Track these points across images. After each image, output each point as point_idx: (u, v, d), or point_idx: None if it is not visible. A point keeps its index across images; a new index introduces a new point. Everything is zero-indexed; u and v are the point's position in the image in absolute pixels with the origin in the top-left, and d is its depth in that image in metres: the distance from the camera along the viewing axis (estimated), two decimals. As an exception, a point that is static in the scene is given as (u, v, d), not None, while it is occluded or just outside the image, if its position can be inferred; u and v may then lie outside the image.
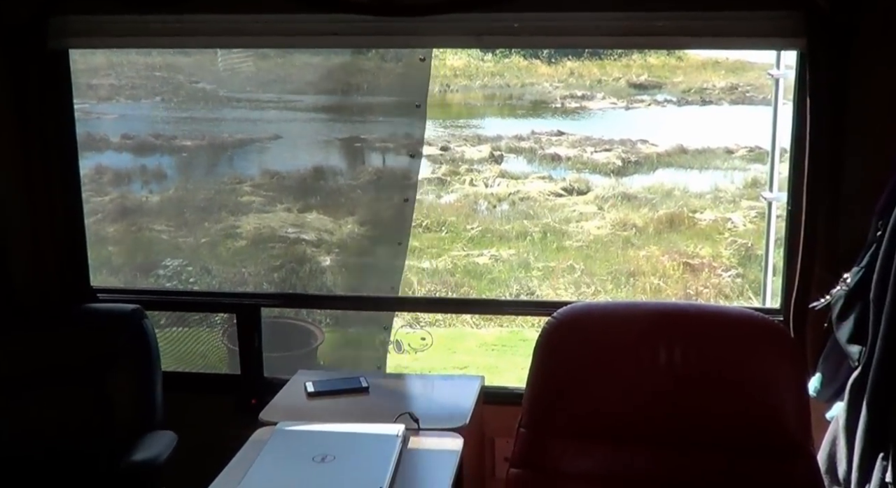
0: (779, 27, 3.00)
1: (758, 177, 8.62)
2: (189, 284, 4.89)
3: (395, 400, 3.21)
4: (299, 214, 5.55)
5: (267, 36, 3.37)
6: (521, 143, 9.45)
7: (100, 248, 4.28)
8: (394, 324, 3.97)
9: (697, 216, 8.58)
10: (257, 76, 4.38)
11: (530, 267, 8.19)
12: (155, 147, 5.49)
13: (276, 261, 5.27)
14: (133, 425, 3.08)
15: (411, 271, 4.13)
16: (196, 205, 5.00)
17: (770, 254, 4.02)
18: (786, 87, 3.85)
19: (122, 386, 3.15)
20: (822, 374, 2.85)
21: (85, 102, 3.94)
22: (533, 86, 9.85)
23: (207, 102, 4.59)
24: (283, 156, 5.39)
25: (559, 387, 2.70)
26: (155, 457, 2.89)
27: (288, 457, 2.69)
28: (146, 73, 4.53)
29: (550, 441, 2.65)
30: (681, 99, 9.77)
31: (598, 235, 8.45)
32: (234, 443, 2.81)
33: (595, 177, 9.09)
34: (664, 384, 2.63)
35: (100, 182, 5.21)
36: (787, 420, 2.60)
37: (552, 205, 8.79)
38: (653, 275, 8.00)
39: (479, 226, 8.60)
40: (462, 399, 3.19)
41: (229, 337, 4.08)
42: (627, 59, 9.83)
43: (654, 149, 9.28)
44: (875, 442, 2.45)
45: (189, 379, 3.82)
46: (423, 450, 2.78)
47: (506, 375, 6.58)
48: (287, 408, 3.12)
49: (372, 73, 4.08)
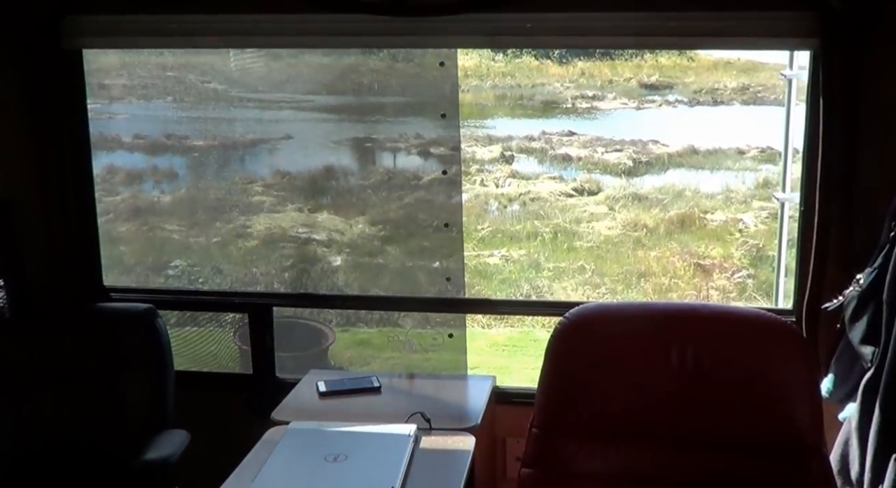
0: (792, 27, 3.00)
1: (769, 177, 8.59)
2: (199, 284, 4.90)
3: (407, 399, 3.21)
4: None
5: (280, 36, 3.38)
6: (532, 144, 9.44)
7: (111, 248, 4.29)
8: (406, 324, 3.97)
9: (708, 217, 8.55)
10: (269, 76, 4.39)
11: (541, 267, 8.18)
12: (167, 147, 5.50)
13: (288, 260, 5.28)
14: (146, 424, 3.09)
15: (422, 271, 4.12)
16: (207, 205, 5.01)
17: (783, 255, 4.01)
18: (799, 87, 3.84)
19: (134, 385, 3.16)
20: (834, 375, 2.85)
21: (97, 102, 3.95)
22: (544, 86, 9.84)
23: (219, 102, 4.60)
24: (294, 157, 5.40)
25: (571, 388, 2.70)
26: (168, 456, 2.90)
27: (300, 457, 2.70)
28: (158, 72, 4.54)
29: (562, 441, 2.65)
30: (692, 99, 9.74)
31: (609, 236, 8.43)
32: (247, 443, 2.82)
33: (606, 178, 9.08)
34: (676, 384, 2.62)
35: (112, 182, 5.22)
36: (799, 421, 2.59)
37: (563, 205, 8.78)
38: (663, 275, 7.99)
39: (489, 227, 8.58)
40: (474, 399, 3.20)
41: (241, 336, 4.09)
42: (639, 60, 9.80)
43: (665, 149, 9.25)
44: (888, 443, 2.44)
45: (201, 378, 3.83)
46: (435, 450, 2.79)
47: (517, 375, 6.58)
48: (299, 408, 3.13)
49: (398, 75, 4.08)
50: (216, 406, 3.49)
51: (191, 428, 3.07)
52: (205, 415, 3.26)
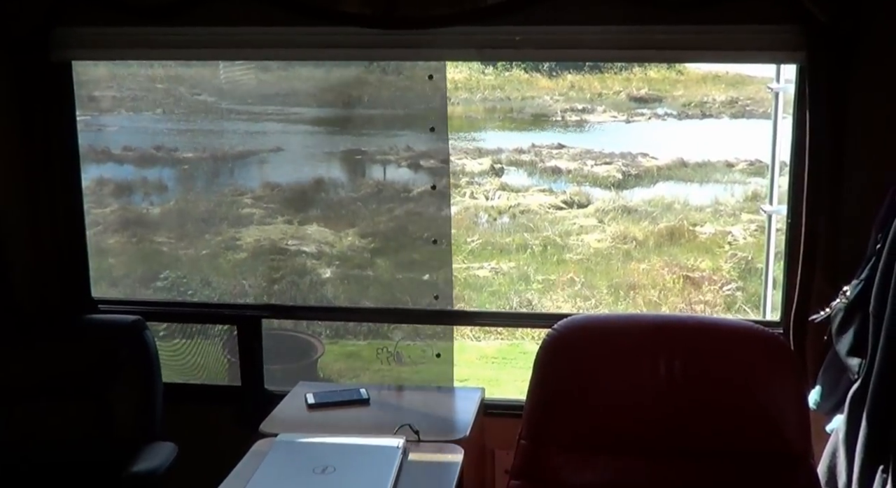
0: (778, 41, 3.02)
1: (758, 190, 8.61)
2: (188, 296, 4.89)
3: (396, 411, 3.21)
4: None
5: (269, 48, 3.38)
6: (522, 156, 9.44)
7: (100, 260, 4.28)
8: (395, 337, 3.97)
9: (697, 229, 8.57)
10: (259, 88, 4.39)
11: (530, 279, 8.18)
12: (156, 159, 5.49)
13: (277, 272, 5.27)
14: (134, 436, 3.09)
15: (412, 283, 4.12)
16: (197, 217, 5.00)
17: (770, 267, 4.02)
18: (785, 100, 3.85)
19: (122, 396, 3.16)
20: (821, 387, 2.86)
21: (87, 114, 3.94)
22: (534, 99, 9.85)
23: (209, 114, 4.60)
24: (283, 169, 5.39)
25: (559, 399, 2.70)
26: (155, 468, 2.90)
27: (288, 469, 2.69)
28: (148, 84, 4.54)
29: (551, 452, 2.66)
30: (681, 112, 9.76)
31: (599, 248, 8.43)
32: (235, 455, 2.82)
33: (595, 191, 9.08)
34: (664, 396, 2.63)
35: (100, 193, 5.20)
36: (787, 432, 2.60)
37: (552, 217, 8.78)
38: (653, 288, 8.00)
39: (479, 239, 8.58)
40: (462, 411, 3.20)
41: (230, 348, 4.08)
42: (628, 73, 9.82)
43: (654, 162, 9.27)
44: (875, 454, 2.45)
45: (189, 390, 3.82)
46: (424, 462, 2.79)
47: (506, 387, 6.57)
48: (287, 420, 3.12)
49: (387, 87, 4.09)
50: (204, 418, 3.49)
51: (179, 440, 3.06)
52: (193, 427, 3.25)
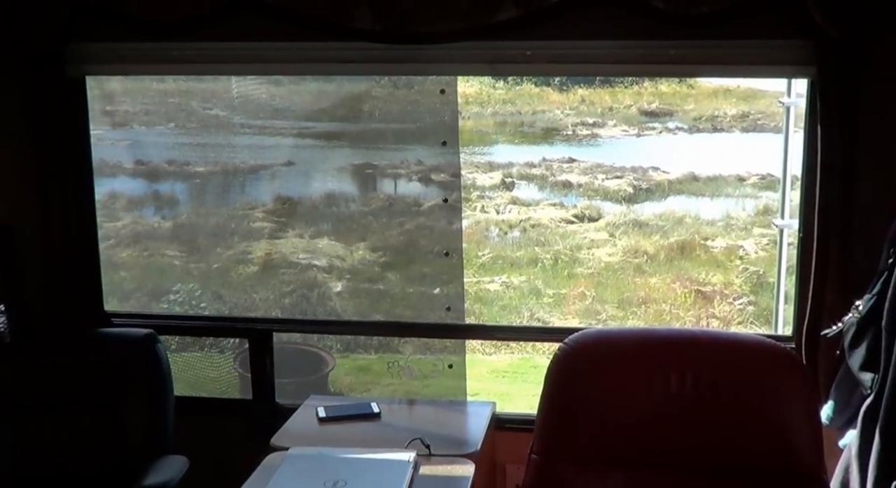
0: (789, 55, 3.02)
1: (769, 204, 8.59)
2: (200, 309, 4.90)
3: (407, 426, 3.21)
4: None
5: (281, 63, 3.41)
6: (533, 170, 9.44)
7: (112, 274, 4.30)
8: (406, 351, 3.98)
9: (709, 243, 8.55)
10: (271, 103, 4.41)
11: (541, 294, 8.17)
12: (168, 173, 5.51)
13: (288, 286, 5.28)
14: (145, 449, 3.09)
15: (423, 297, 4.13)
16: (208, 231, 5.02)
17: (782, 281, 4.01)
18: (796, 114, 3.85)
19: (134, 410, 3.16)
20: (834, 402, 2.84)
21: (99, 128, 3.97)
22: (544, 113, 9.85)
23: (221, 129, 4.62)
24: (295, 183, 5.41)
25: (571, 414, 2.70)
26: (167, 482, 2.90)
27: (299, 483, 2.69)
28: (160, 99, 4.57)
29: (562, 467, 2.65)
30: (692, 126, 9.76)
31: (610, 262, 8.42)
32: (246, 468, 2.82)
33: (606, 205, 9.08)
34: (676, 411, 2.62)
35: (113, 207, 5.22)
36: (799, 447, 2.59)
37: (563, 231, 8.78)
38: (664, 302, 7.98)
39: (490, 253, 8.58)
40: (473, 425, 3.19)
41: (241, 362, 4.09)
42: (639, 87, 9.82)
43: (665, 176, 9.26)
44: (888, 470, 2.44)
45: (201, 403, 3.82)
46: (435, 477, 2.78)
47: (517, 402, 6.56)
48: (298, 434, 3.12)
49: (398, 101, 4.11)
50: (216, 431, 3.49)
51: (190, 453, 3.07)
52: (204, 441, 3.26)
